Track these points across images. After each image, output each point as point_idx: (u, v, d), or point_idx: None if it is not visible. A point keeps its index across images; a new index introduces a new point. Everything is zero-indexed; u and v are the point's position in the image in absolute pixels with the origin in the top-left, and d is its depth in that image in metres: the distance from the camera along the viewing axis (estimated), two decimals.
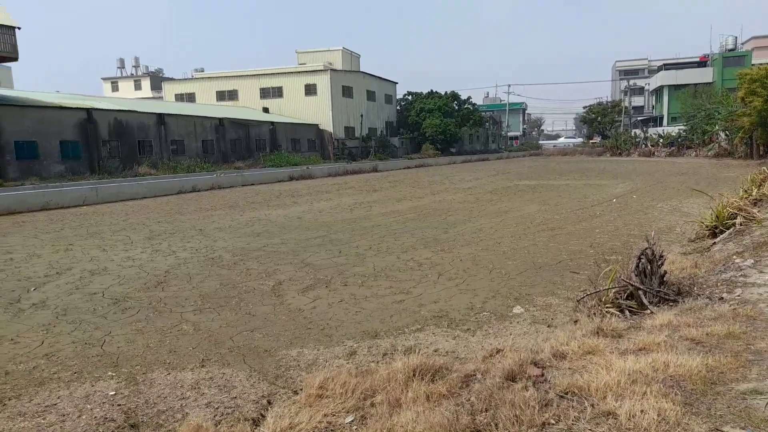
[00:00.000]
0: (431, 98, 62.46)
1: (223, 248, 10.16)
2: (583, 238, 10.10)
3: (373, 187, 24.78)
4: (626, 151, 55.72)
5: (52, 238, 11.99)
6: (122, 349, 5.12)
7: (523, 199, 17.55)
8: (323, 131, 51.97)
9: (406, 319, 5.77)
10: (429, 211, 14.89)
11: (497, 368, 3.69)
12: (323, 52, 57.49)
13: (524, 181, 25.58)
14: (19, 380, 4.44)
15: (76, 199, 19.81)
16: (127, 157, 32.24)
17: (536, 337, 4.94)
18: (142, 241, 11.18)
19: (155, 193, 23.08)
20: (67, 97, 34.95)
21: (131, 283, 7.64)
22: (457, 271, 7.87)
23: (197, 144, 38.41)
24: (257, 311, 6.21)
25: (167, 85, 59.43)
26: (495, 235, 10.74)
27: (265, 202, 18.93)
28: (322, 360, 4.70)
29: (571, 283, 6.95)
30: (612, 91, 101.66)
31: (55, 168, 28.43)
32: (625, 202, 15.55)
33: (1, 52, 26.22)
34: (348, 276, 7.76)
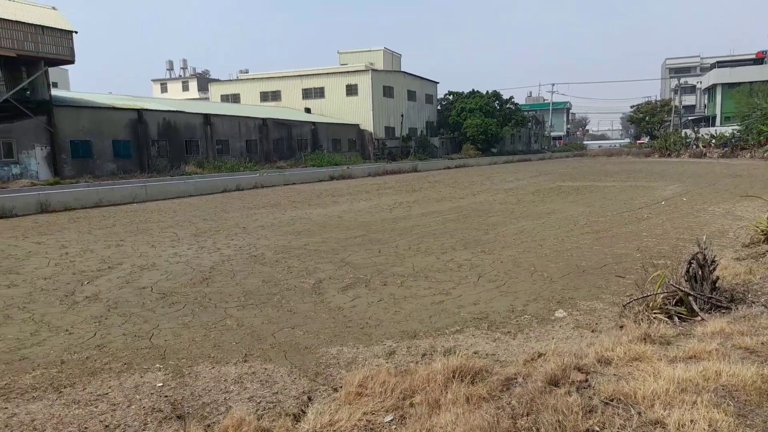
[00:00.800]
0: (472, 98, 61.87)
1: (265, 246, 10.36)
2: (630, 242, 9.81)
3: (412, 187, 24.76)
4: (676, 152, 53.74)
5: (104, 234, 12.50)
6: (169, 342, 5.29)
7: (566, 200, 17.18)
8: (363, 131, 52.26)
9: (446, 320, 5.74)
10: (469, 212, 14.76)
11: (539, 372, 3.62)
12: (365, 52, 57.79)
13: (568, 182, 25.03)
14: (73, 369, 4.65)
15: (126, 196, 20.60)
16: (174, 156, 33.28)
17: (580, 341, 4.83)
18: (188, 238, 11.52)
19: (201, 192, 23.74)
20: (119, 98, 36.37)
21: (178, 279, 7.88)
22: (497, 272, 7.78)
23: (241, 144, 39.28)
24: (298, 308, 6.31)
25: (213, 86, 61.03)
26: (537, 237, 10.55)
27: (306, 201, 19.18)
28: (361, 359, 4.73)
29: (616, 288, 6.76)
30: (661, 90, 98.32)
31: (107, 166, 29.63)
32: (675, 205, 15.01)
33: (58, 56, 27.49)
34: (387, 276, 7.78)
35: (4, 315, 6.30)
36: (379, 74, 53.31)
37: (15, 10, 25.77)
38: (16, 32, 25.22)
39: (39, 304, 6.72)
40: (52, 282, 7.87)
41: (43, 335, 5.57)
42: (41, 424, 3.70)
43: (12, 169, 25.79)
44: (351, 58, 57.80)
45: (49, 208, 17.65)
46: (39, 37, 26.18)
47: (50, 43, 26.74)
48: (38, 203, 17.56)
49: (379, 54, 57.70)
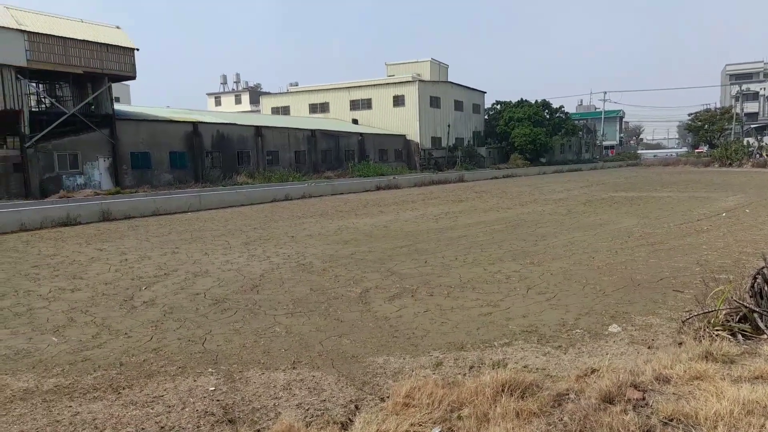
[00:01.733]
0: (521, 107, 61.03)
1: (313, 255, 10.51)
2: (688, 255, 9.38)
3: (459, 197, 24.58)
4: (737, 161, 51.16)
5: (160, 242, 13.00)
6: (221, 347, 5.43)
7: (619, 211, 16.63)
8: (410, 141, 52.39)
9: (494, 333, 5.65)
10: (517, 223, 14.52)
11: (593, 389, 3.51)
12: (412, 63, 58.09)
13: (621, 192, 24.24)
14: (131, 372, 4.85)
15: (181, 205, 21.38)
16: (227, 167, 34.35)
17: (636, 358, 4.64)
18: (239, 246, 11.84)
19: (251, 201, 24.36)
20: (176, 111, 37.91)
21: (229, 286, 8.10)
22: (547, 285, 7.60)
23: (290, 154, 40.14)
24: (345, 317, 6.35)
25: (264, 99, 62.75)
26: (589, 249, 10.26)
27: (353, 211, 19.36)
28: (408, 369, 4.72)
29: (674, 303, 6.48)
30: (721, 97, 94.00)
31: (164, 177, 30.88)
32: (737, 217, 14.27)
33: (121, 72, 28.98)
34: (434, 286, 7.74)
35: (69, 318, 6.64)
36: (426, 85, 53.41)
37: (83, 31, 27.39)
38: (83, 51, 26.79)
39: (100, 308, 7.05)
40: (112, 287, 8.25)
41: (103, 338, 5.84)
42: (101, 423, 3.87)
43: (77, 179, 27.26)
44: (398, 69, 58.21)
45: (111, 217, 18.54)
46: (104, 54, 27.70)
47: (114, 60, 28.24)
48: (101, 212, 18.48)
49: (426, 65, 57.87)
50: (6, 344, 5.71)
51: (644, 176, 39.14)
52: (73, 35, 26.46)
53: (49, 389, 4.49)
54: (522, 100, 62.39)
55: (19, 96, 24.86)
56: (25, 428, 3.83)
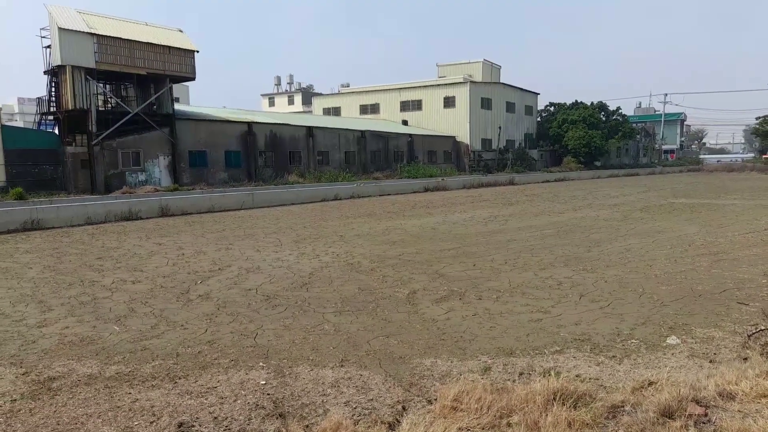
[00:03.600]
0: (575, 109, 59.40)
1: (361, 254, 10.59)
2: (755, 266, 8.88)
3: (508, 200, 24.18)
4: None
5: (215, 238, 13.43)
6: (272, 342, 5.56)
7: (679, 218, 15.92)
8: (459, 143, 51.94)
9: (544, 339, 5.53)
10: (569, 228, 14.14)
11: (650, 402, 3.37)
12: (464, 64, 57.58)
13: (681, 198, 23.20)
14: (187, 362, 5.03)
15: (235, 203, 22.02)
16: (279, 166, 35.09)
17: (697, 372, 4.43)
18: (289, 244, 12.07)
19: (302, 200, 24.80)
20: (231, 111, 39.06)
21: (280, 282, 8.27)
22: (601, 293, 7.37)
23: (340, 155, 40.58)
24: (392, 318, 6.37)
25: (316, 100, 63.73)
26: (646, 257, 9.87)
27: (401, 212, 19.38)
28: (455, 372, 4.68)
29: (738, 316, 6.14)
30: None
31: (219, 175, 31.87)
32: None
33: (182, 73, 30.10)
34: (482, 290, 7.64)
35: (130, 308, 6.96)
36: (478, 86, 52.81)
37: (147, 33, 28.64)
38: (147, 53, 28.00)
39: (158, 300, 7.34)
40: (170, 280, 8.58)
41: (161, 329, 6.08)
42: (159, 410, 4.03)
43: (139, 176, 28.51)
44: (450, 70, 57.82)
45: (169, 212, 19.30)
46: (166, 56, 28.85)
47: (175, 62, 29.37)
48: (160, 207, 19.27)
49: (478, 66, 57.22)
50: (73, 331, 6.03)
51: (706, 182, 37.32)
52: (138, 38, 27.71)
53: (111, 376, 4.72)
54: (576, 101, 60.72)
55: (88, 96, 26.24)
56: (89, 411, 4.04)
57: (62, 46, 25.14)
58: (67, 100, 25.99)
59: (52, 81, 26.99)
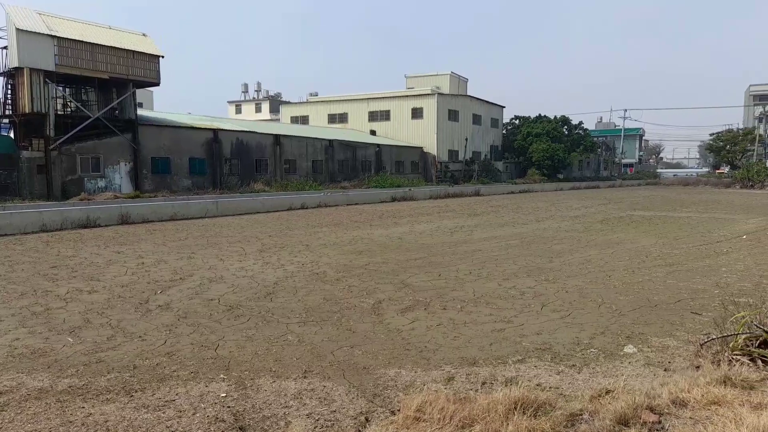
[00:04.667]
0: (539, 122, 60.85)
1: (327, 264, 10.53)
2: (707, 277, 9.22)
3: (474, 211, 24.49)
4: (759, 183, 50.27)
5: (177, 246, 13.14)
6: (233, 353, 5.45)
7: (637, 230, 16.42)
8: (427, 154, 52.45)
9: (507, 349, 5.59)
10: (533, 239, 14.41)
11: (607, 410, 3.45)
12: (431, 76, 58.36)
13: (639, 211, 23.95)
14: (144, 375, 4.88)
15: (199, 211, 21.62)
16: (245, 174, 34.69)
17: (651, 380, 4.56)
18: (254, 253, 11.91)
19: (268, 209, 24.54)
20: (197, 118, 38.46)
21: (243, 292, 8.15)
22: (562, 302, 7.52)
23: (308, 164, 40.42)
24: (357, 328, 6.34)
25: (284, 108, 63.41)
26: (605, 268, 10.13)
27: (368, 222, 19.38)
28: (419, 382, 4.68)
29: (692, 325, 6.36)
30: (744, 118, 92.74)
31: (183, 182, 31.28)
32: (758, 240, 14.00)
33: (146, 78, 29.53)
34: (447, 300, 7.70)
35: (85, 319, 6.73)
36: (445, 98, 53.54)
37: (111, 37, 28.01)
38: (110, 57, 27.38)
39: (116, 311, 7.13)
40: (128, 290, 8.34)
41: (118, 340, 5.89)
42: (113, 425, 3.90)
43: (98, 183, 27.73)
44: (418, 82, 58.48)
45: (129, 220, 18.80)
46: (130, 60, 28.27)
47: (139, 66, 28.80)
48: (120, 215, 18.76)
49: (445, 78, 58.09)
50: (23, 343, 5.79)
51: (663, 195, 38.65)
52: (100, 41, 27.07)
53: (63, 389, 4.55)
54: (540, 115, 62.22)
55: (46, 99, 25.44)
56: (38, 427, 3.87)
57: (20, 47, 24.35)
58: (24, 103, 25.15)
59: (8, 83, 26.09)
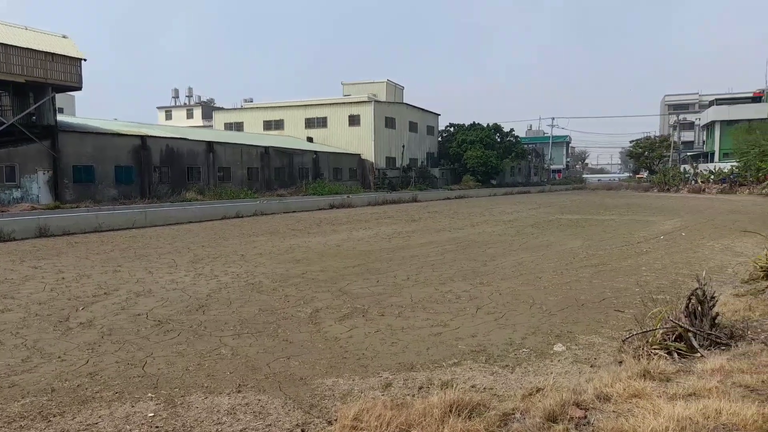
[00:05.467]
0: (473, 130, 62.57)
1: (263, 274, 10.32)
2: (629, 276, 9.77)
3: (412, 217, 24.80)
4: (675, 186, 54.02)
5: (101, 260, 12.46)
6: (162, 370, 5.22)
7: (565, 233, 17.18)
8: (365, 161, 52.66)
9: (443, 353, 5.68)
10: (468, 243, 14.75)
11: (537, 408, 3.57)
12: (368, 84, 58.75)
13: (567, 215, 25.09)
14: (63, 398, 4.58)
15: (126, 222, 20.61)
16: (176, 183, 33.46)
17: (579, 377, 4.76)
18: (186, 265, 11.48)
19: (200, 218, 23.77)
20: (123, 124, 36.76)
21: (174, 306, 7.82)
22: (496, 305, 7.73)
23: (243, 171, 39.53)
24: (294, 338, 6.24)
25: (217, 114, 61.81)
26: (536, 270, 10.52)
27: (306, 230, 19.18)
28: (357, 391, 4.66)
29: (615, 322, 6.71)
30: (660, 126, 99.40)
31: (108, 192, 29.75)
32: (674, 240, 15.01)
33: (66, 82, 27.92)
34: (385, 306, 7.72)
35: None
36: (382, 105, 54.01)
37: (27, 38, 26.30)
38: (26, 59, 25.69)
39: (32, 330, 6.65)
40: (46, 307, 7.81)
41: (34, 362, 5.50)
42: None
43: (13, 193, 25.89)
44: (354, 89, 58.70)
45: (48, 233, 17.63)
46: (48, 63, 26.64)
47: (59, 69, 27.20)
48: (37, 227, 17.55)
49: (382, 85, 58.63)
50: None
51: (589, 200, 40.69)
52: (15, 42, 25.36)
53: None
54: (474, 123, 64.00)
55: None
56: None
57: None
58: None
59: None
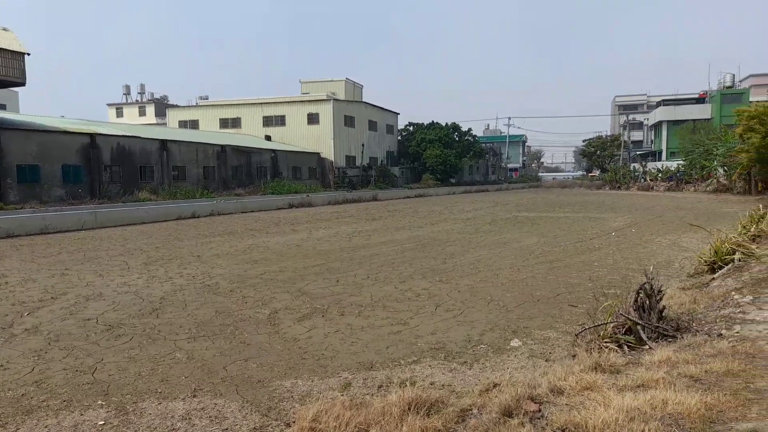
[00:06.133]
0: (432, 129, 63.12)
1: (220, 275, 10.11)
2: (582, 271, 10.06)
3: (372, 215, 24.82)
4: (625, 184, 56.01)
5: (48, 263, 11.94)
6: (113, 377, 5.04)
7: (522, 230, 17.55)
8: (324, 159, 52.35)
9: (403, 351, 5.70)
10: (428, 241, 14.87)
11: (494, 403, 3.63)
12: (327, 82, 58.38)
13: (523, 212, 25.64)
14: (6, 408, 4.36)
15: (75, 223, 19.82)
16: (128, 182, 32.38)
17: (534, 371, 4.87)
18: (138, 267, 11.14)
19: (154, 219, 23.10)
20: (71, 122, 35.32)
21: (126, 310, 7.58)
22: (454, 302, 7.82)
23: (198, 170, 38.63)
24: (252, 340, 6.14)
25: (171, 112, 60.12)
26: (493, 267, 10.70)
27: (264, 229, 18.92)
28: (316, 391, 4.63)
29: (569, 317, 6.89)
30: (611, 126, 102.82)
31: (55, 192, 28.53)
32: (624, 236, 15.55)
33: (9, 77, 26.59)
34: (345, 305, 7.70)
35: None
36: (341, 104, 53.80)
37: None
38: None
39: None
40: None
41: None
42: None
43: None
44: (313, 87, 58.24)
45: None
46: None
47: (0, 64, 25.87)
48: None
49: (340, 84, 58.38)
50: None
51: (544, 197, 41.71)
52: None
53: None
54: (433, 122, 64.57)
55: None
56: None
57: None
58: None
59: None
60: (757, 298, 6.21)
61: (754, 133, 30.69)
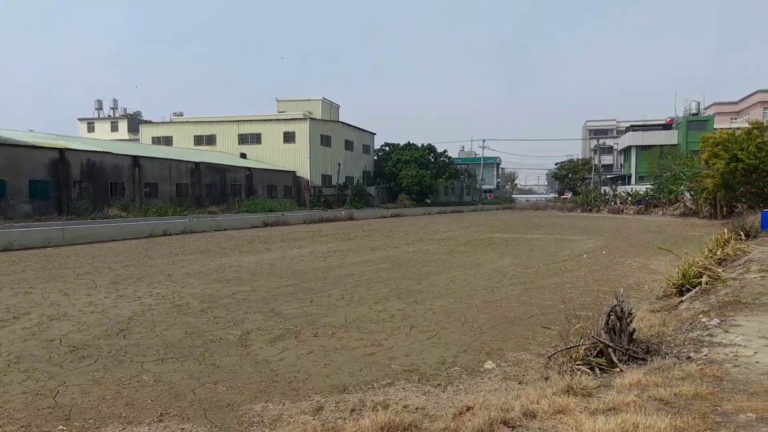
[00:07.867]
0: (408, 150, 63.63)
1: (190, 295, 9.91)
2: (555, 293, 10.16)
3: (347, 235, 24.74)
4: (596, 207, 57.17)
5: (11, 281, 11.54)
6: (76, 400, 4.86)
7: (496, 251, 17.70)
8: (300, 178, 52.22)
9: (377, 373, 5.64)
10: (403, 262, 14.87)
11: (467, 427, 3.60)
12: (303, 101, 58.53)
13: (497, 233, 25.89)
14: None
15: (41, 240, 19.25)
16: (98, 199, 31.71)
17: (507, 394, 4.86)
18: (106, 286, 10.84)
19: (124, 236, 22.61)
20: (40, 136, 34.57)
21: (91, 330, 7.34)
22: (429, 323, 7.80)
23: (171, 187, 38.09)
24: (222, 362, 6.00)
25: (144, 128, 59.38)
26: (468, 288, 10.73)
27: (237, 248, 18.67)
28: (287, 416, 4.53)
29: (542, 339, 6.93)
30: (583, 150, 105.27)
31: (22, 208, 27.75)
32: (596, 258, 15.80)
33: None
34: (318, 326, 7.61)
35: None
36: (317, 123, 53.93)
37: None
38: None
39: None
40: None
41: None
42: None
43: None
44: (289, 106, 58.29)
45: None
46: None
47: None
48: None
49: (317, 103, 58.59)
50: None
51: (518, 219, 42.25)
52: None
53: None
54: (409, 143, 65.12)
55: None
56: None
57: None
58: None
59: None
60: (723, 321, 6.35)
61: (718, 159, 31.70)
